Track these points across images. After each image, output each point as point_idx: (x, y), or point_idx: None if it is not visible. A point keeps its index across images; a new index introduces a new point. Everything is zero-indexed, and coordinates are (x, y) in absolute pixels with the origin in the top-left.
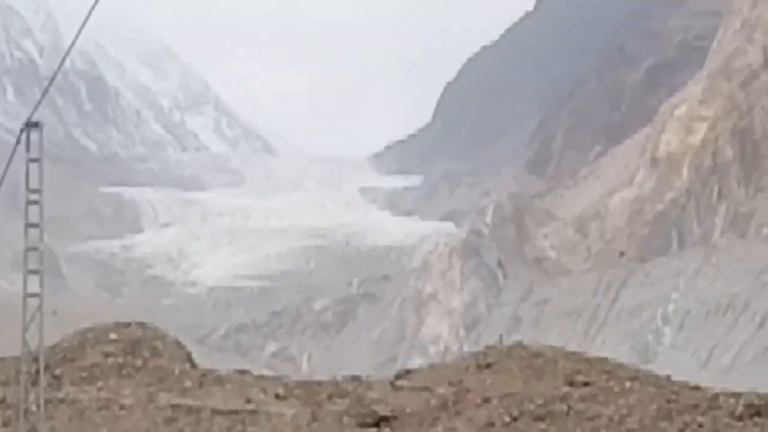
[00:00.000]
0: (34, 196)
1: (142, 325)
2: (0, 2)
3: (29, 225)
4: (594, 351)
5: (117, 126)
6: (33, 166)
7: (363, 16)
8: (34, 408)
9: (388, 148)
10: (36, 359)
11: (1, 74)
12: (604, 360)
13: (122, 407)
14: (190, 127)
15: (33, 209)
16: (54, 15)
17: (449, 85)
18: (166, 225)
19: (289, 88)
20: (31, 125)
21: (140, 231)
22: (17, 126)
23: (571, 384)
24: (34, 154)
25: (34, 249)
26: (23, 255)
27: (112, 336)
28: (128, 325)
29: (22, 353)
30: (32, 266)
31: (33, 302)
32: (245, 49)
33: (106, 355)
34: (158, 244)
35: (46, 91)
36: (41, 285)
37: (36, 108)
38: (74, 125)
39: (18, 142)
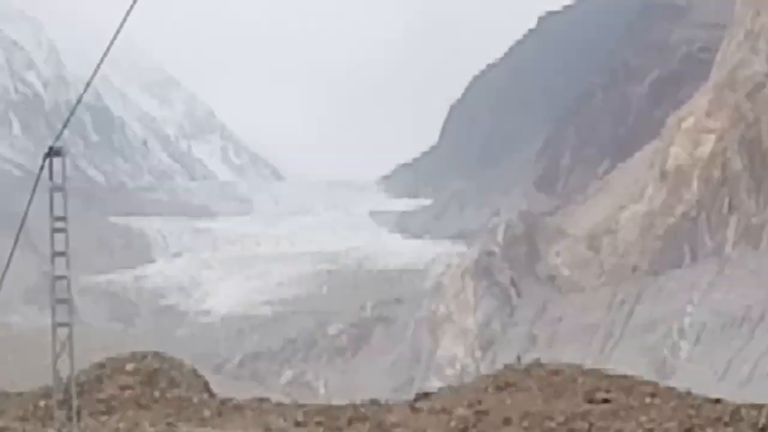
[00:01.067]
0: (59, 224)
1: (158, 355)
2: (2, 36)
3: (56, 253)
4: (611, 367)
5: (124, 156)
6: (57, 194)
7: (366, 40)
8: None
9: (396, 170)
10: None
11: (6, 108)
12: (623, 376)
13: None
14: (197, 155)
15: (59, 237)
16: (56, 47)
17: (455, 105)
18: (177, 254)
19: (294, 113)
20: (53, 152)
21: (151, 261)
22: (23, 159)
23: (590, 401)
24: (57, 181)
25: (62, 277)
26: (50, 283)
27: (129, 367)
28: (144, 356)
29: (54, 383)
30: (60, 295)
31: (62, 331)
32: (250, 75)
33: (124, 386)
34: (170, 274)
35: (68, 119)
36: (70, 313)
37: (59, 135)
38: (81, 157)
39: (41, 169)
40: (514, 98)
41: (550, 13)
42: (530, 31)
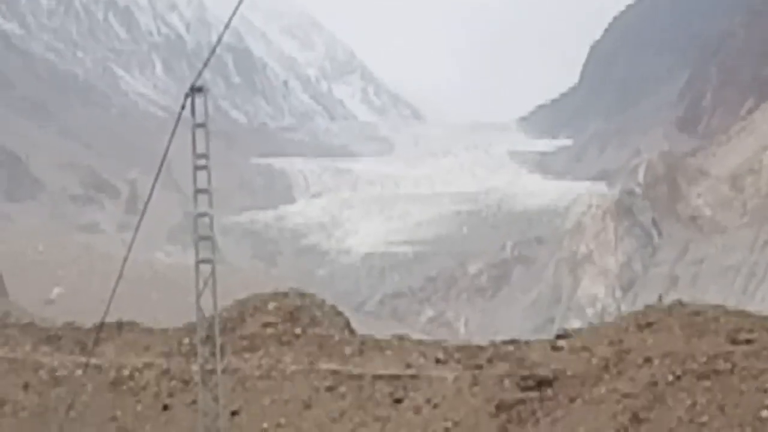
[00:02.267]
0: (201, 161)
1: (300, 293)
2: None
3: (198, 191)
4: (754, 308)
5: (265, 97)
6: (199, 131)
7: None
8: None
9: (535, 110)
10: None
11: (149, 50)
12: (767, 317)
13: (284, 375)
14: (337, 96)
15: (201, 174)
16: None
17: (595, 45)
18: (318, 194)
19: (434, 54)
20: (195, 90)
21: (292, 201)
22: (166, 100)
23: (733, 342)
24: (199, 119)
25: (204, 214)
26: (193, 221)
27: (271, 305)
28: (286, 294)
29: (197, 319)
30: (203, 232)
31: (205, 268)
32: (389, 15)
33: (266, 324)
34: (311, 214)
35: (209, 58)
36: (213, 251)
37: (200, 73)
38: (222, 98)
39: (183, 107)
40: (654, 38)
41: None
42: None
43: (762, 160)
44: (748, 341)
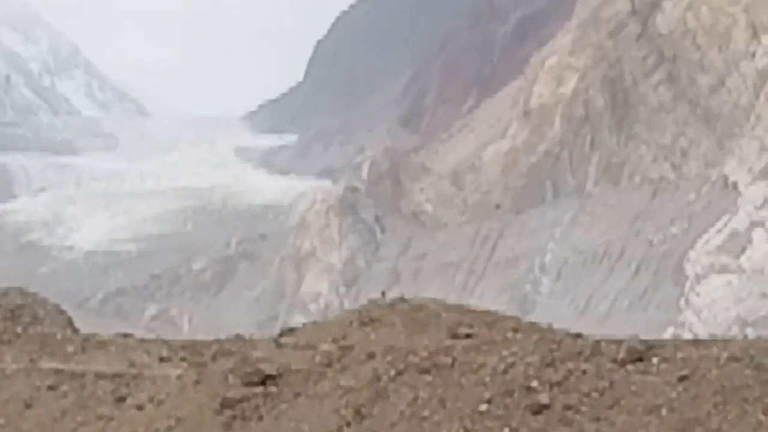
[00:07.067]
0: None
1: (20, 291)
2: None
3: None
4: (474, 303)
5: None
6: None
7: None
8: None
9: (261, 107)
10: None
11: None
12: (486, 311)
13: (4, 374)
14: (61, 91)
15: None
16: None
17: (320, 42)
18: (40, 190)
19: (159, 49)
20: None
21: (13, 197)
22: None
23: (454, 336)
24: None
25: None
26: None
27: None
28: (6, 292)
29: None
30: None
31: None
32: (114, 10)
33: None
34: (32, 210)
35: None
36: None
37: None
38: None
39: None
40: (379, 36)
41: None
42: None
43: (482, 158)
44: (468, 336)
